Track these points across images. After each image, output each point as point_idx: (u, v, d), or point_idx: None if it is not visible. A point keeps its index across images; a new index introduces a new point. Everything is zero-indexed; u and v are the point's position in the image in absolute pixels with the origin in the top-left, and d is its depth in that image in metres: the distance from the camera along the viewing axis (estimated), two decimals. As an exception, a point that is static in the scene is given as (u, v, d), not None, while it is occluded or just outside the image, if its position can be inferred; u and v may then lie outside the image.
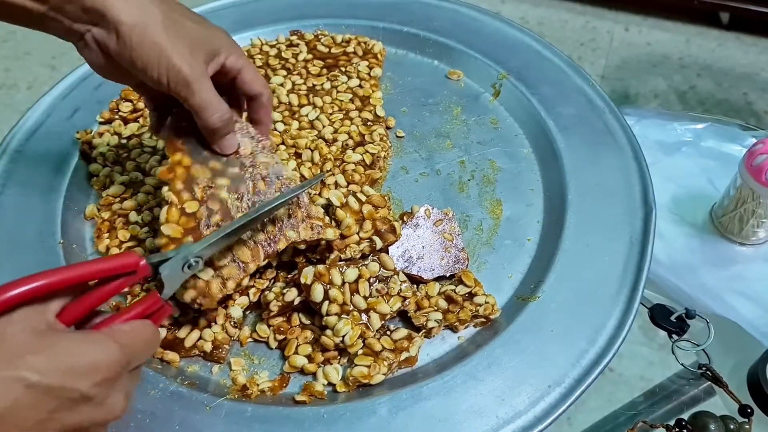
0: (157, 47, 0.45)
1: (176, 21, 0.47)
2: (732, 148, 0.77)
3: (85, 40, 0.47)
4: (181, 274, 0.44)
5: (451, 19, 0.80)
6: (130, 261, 0.38)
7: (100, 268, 0.37)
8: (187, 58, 0.47)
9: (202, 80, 0.48)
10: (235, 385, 0.51)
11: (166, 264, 0.42)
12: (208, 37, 0.49)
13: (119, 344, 0.35)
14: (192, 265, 0.44)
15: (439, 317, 0.54)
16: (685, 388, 0.61)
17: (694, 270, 0.67)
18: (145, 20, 0.45)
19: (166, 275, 0.42)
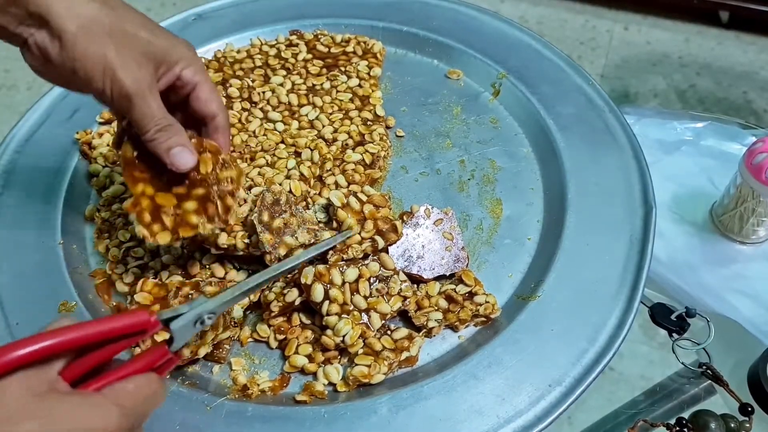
0: (102, 59, 0.44)
1: (126, 31, 0.45)
2: (732, 147, 0.76)
3: (28, 44, 0.45)
4: (193, 329, 0.42)
5: (450, 19, 0.80)
6: (142, 320, 0.37)
7: (110, 329, 0.35)
8: (133, 70, 0.45)
9: (146, 93, 0.46)
10: (236, 385, 0.51)
11: (178, 319, 0.41)
12: (163, 48, 0.47)
13: (120, 407, 0.34)
14: (205, 321, 0.42)
15: (439, 317, 0.54)
16: (686, 387, 0.61)
17: (694, 269, 0.67)
18: (91, 29, 0.43)
19: (177, 329, 0.41)
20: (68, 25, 0.43)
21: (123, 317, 0.36)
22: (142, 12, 0.48)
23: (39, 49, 0.45)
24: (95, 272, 0.59)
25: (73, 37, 0.43)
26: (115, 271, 0.58)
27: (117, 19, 0.45)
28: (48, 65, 0.45)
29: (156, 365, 0.38)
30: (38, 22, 0.44)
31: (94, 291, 0.57)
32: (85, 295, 0.56)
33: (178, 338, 0.41)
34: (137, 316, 0.36)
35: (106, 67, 0.44)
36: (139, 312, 0.37)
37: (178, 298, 0.52)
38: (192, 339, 0.50)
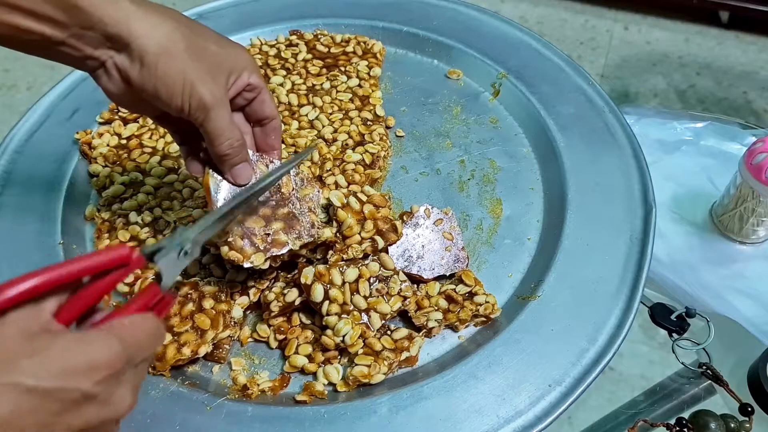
0: (182, 75, 0.45)
1: (198, 45, 0.46)
2: (732, 147, 0.76)
3: (105, 67, 0.46)
4: (178, 262, 0.42)
5: (450, 19, 0.80)
6: (122, 253, 0.37)
7: (91, 263, 0.36)
8: (209, 84, 0.46)
9: (221, 106, 0.47)
10: (236, 385, 0.51)
11: (160, 253, 0.40)
12: (230, 57, 0.48)
13: (118, 338, 0.34)
14: (188, 252, 0.42)
15: (439, 317, 0.54)
16: (686, 387, 0.61)
17: (694, 268, 0.67)
18: (169, 48, 0.44)
19: (163, 265, 0.41)
20: (149, 46, 0.44)
21: (104, 252, 0.36)
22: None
23: (119, 72, 0.45)
24: (95, 272, 0.59)
25: (155, 57, 0.44)
26: (115, 271, 0.58)
27: (190, 34, 0.46)
28: (127, 87, 0.46)
29: (151, 305, 0.39)
30: (118, 45, 0.44)
31: (94, 291, 0.57)
32: (85, 295, 0.56)
33: (166, 274, 0.41)
34: (118, 251, 0.37)
35: (185, 83, 0.45)
36: (120, 247, 0.37)
37: (177, 298, 0.52)
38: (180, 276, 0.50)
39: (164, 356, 0.50)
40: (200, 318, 0.51)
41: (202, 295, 0.53)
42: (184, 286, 0.53)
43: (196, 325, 0.51)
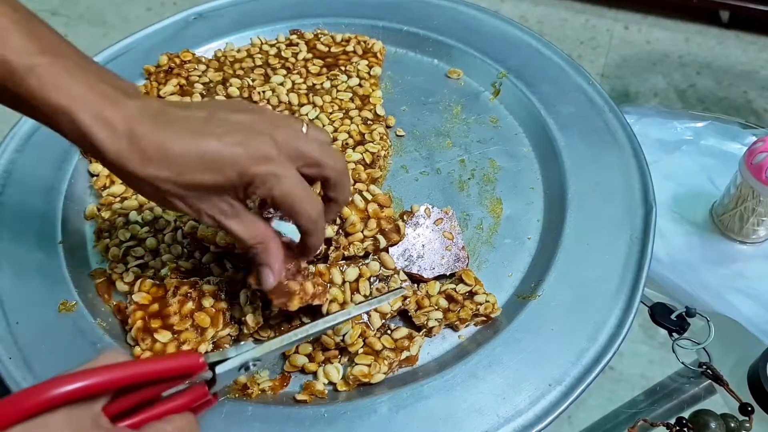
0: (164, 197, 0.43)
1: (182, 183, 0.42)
2: (732, 147, 0.76)
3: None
4: (237, 374, 0.42)
5: (450, 18, 0.80)
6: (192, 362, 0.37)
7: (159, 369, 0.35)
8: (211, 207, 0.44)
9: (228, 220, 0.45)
10: (236, 385, 0.51)
11: (224, 363, 0.40)
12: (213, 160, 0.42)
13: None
14: (250, 367, 0.42)
15: (439, 316, 0.54)
16: (686, 387, 0.61)
17: (694, 268, 0.67)
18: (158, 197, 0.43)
19: (222, 373, 0.40)
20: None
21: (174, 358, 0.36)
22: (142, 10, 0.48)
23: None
24: (95, 272, 0.59)
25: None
26: (115, 270, 0.58)
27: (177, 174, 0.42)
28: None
29: (193, 405, 0.38)
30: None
31: (94, 290, 0.57)
32: (85, 295, 0.56)
33: (220, 381, 0.40)
34: (188, 359, 0.37)
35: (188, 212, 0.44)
36: (190, 354, 0.37)
37: (177, 297, 0.52)
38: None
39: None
40: (200, 316, 0.51)
41: (201, 293, 0.53)
42: (183, 285, 0.53)
43: (196, 324, 0.51)
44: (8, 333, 0.53)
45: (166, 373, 0.36)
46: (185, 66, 0.74)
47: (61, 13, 1.98)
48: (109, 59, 0.76)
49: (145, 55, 0.76)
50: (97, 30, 1.92)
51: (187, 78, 0.73)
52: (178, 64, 0.74)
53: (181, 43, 0.77)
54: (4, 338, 0.52)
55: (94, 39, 1.88)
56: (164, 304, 0.52)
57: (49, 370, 0.50)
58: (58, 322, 0.54)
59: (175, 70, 0.73)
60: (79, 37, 1.89)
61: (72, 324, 0.54)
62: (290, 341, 0.44)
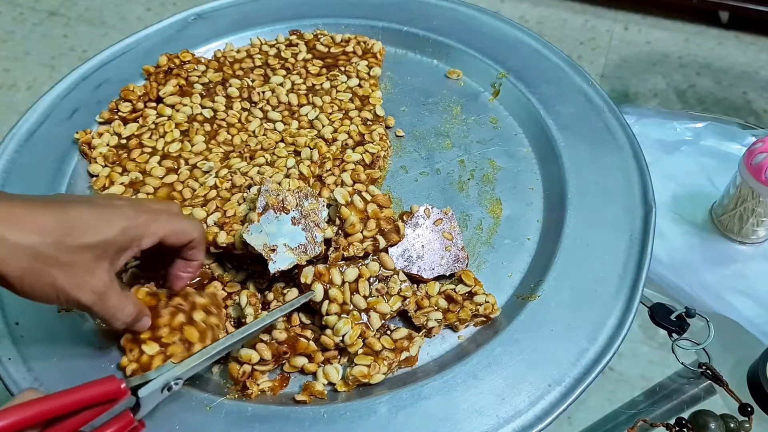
0: (52, 287, 0.42)
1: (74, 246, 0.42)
2: (731, 147, 0.76)
3: None
4: (160, 395, 0.43)
5: (450, 19, 0.80)
6: (112, 388, 0.37)
7: (79, 399, 0.35)
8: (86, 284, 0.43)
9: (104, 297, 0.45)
10: (236, 385, 0.51)
11: (146, 386, 0.41)
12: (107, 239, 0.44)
13: None
14: (172, 387, 0.44)
15: (439, 316, 0.54)
16: (686, 387, 0.61)
17: (694, 269, 0.67)
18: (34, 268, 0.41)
19: (145, 396, 0.41)
20: (11, 270, 0.40)
21: (92, 387, 0.36)
22: (142, 10, 0.47)
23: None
24: (95, 272, 0.59)
25: (19, 280, 0.41)
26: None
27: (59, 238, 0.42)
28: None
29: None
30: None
31: (93, 291, 0.57)
32: (85, 295, 0.56)
33: (145, 405, 0.41)
34: (107, 385, 0.36)
35: (58, 292, 0.43)
36: (109, 380, 0.36)
37: (168, 308, 0.51)
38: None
39: (150, 367, 0.49)
40: (189, 330, 0.51)
41: (193, 306, 0.53)
42: (176, 296, 0.53)
43: (184, 337, 0.50)
44: (8, 333, 0.53)
45: (87, 401, 0.35)
46: (185, 66, 0.74)
47: (60, 13, 1.98)
48: (109, 59, 0.76)
49: (145, 55, 0.76)
50: (96, 30, 1.92)
51: (187, 78, 0.73)
52: (177, 64, 0.74)
53: (180, 44, 0.77)
54: (3, 339, 0.52)
55: (94, 39, 1.88)
56: (156, 314, 0.51)
57: (49, 371, 0.51)
58: (57, 323, 0.54)
59: (174, 70, 0.74)
60: (78, 38, 1.89)
61: (71, 324, 0.54)
62: (208, 355, 0.46)
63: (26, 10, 1.95)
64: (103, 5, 2.00)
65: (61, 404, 0.34)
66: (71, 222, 0.43)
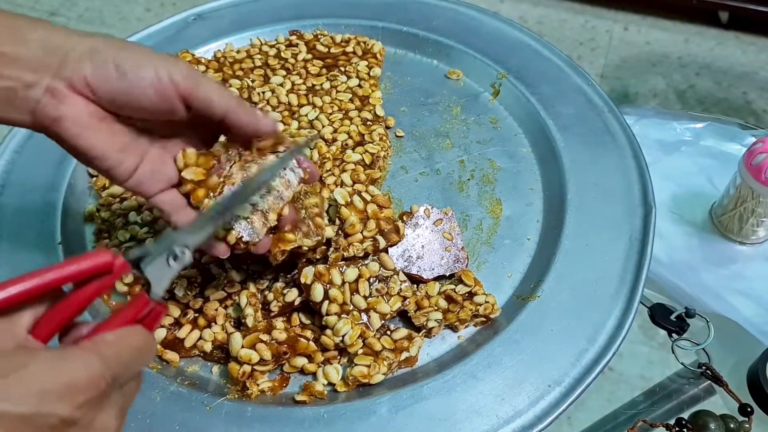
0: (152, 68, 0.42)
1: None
2: (731, 147, 0.77)
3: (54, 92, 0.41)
4: (169, 268, 0.38)
5: (450, 19, 0.80)
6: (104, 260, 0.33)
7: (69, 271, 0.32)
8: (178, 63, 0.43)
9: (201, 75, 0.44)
10: (235, 385, 0.51)
11: (146, 260, 0.37)
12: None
13: (101, 357, 0.30)
14: (178, 256, 0.39)
15: (439, 317, 0.54)
16: (685, 387, 0.61)
17: (693, 269, 0.67)
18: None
19: (151, 271, 0.37)
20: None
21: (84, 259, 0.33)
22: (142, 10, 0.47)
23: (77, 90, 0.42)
24: (95, 272, 0.59)
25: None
26: (115, 271, 0.58)
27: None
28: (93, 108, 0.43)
29: (140, 316, 0.35)
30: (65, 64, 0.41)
31: (93, 291, 0.57)
32: (85, 295, 0.56)
33: (155, 282, 0.37)
34: (99, 257, 0.33)
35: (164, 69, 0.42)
36: (101, 252, 0.33)
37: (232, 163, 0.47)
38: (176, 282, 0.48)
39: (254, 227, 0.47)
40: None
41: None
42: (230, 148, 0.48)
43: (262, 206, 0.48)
44: (7, 333, 0.52)
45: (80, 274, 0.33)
46: (185, 66, 0.74)
47: (60, 13, 1.98)
48: (109, 60, 0.76)
49: (145, 55, 0.76)
50: (96, 30, 1.92)
51: (187, 78, 0.73)
52: (177, 64, 0.74)
53: (180, 44, 0.77)
54: (3, 339, 0.52)
55: (94, 39, 1.88)
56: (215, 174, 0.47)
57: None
58: (57, 323, 0.54)
59: (174, 70, 0.73)
60: (78, 38, 1.88)
61: (71, 324, 0.54)
62: (210, 215, 0.42)
63: (26, 11, 1.95)
64: (103, 6, 2.00)
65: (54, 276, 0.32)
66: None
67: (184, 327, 0.54)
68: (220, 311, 0.54)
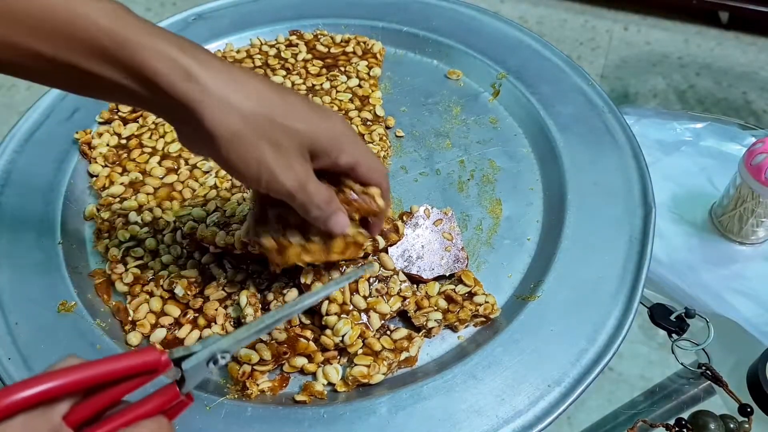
0: (257, 162, 0.42)
1: (283, 127, 0.42)
2: (731, 147, 0.77)
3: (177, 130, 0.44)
4: (206, 369, 0.39)
5: (450, 19, 0.80)
6: (152, 358, 0.34)
7: (118, 368, 0.33)
8: (291, 169, 0.43)
9: (305, 186, 0.44)
10: (235, 385, 0.51)
11: (190, 359, 0.38)
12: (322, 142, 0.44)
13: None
14: (218, 360, 0.39)
15: (439, 317, 0.54)
16: (685, 388, 0.61)
17: (693, 269, 0.67)
18: (245, 135, 0.41)
19: (189, 370, 0.38)
20: (221, 131, 0.40)
21: (133, 356, 0.34)
22: (142, 10, 0.47)
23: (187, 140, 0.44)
24: (95, 272, 0.59)
25: (227, 144, 0.41)
26: (115, 270, 0.58)
27: (273, 113, 0.42)
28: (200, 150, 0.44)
29: (166, 408, 0.36)
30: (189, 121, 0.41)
31: (93, 291, 0.57)
32: (85, 295, 0.56)
33: (190, 379, 0.38)
34: (148, 355, 0.34)
35: (261, 168, 0.42)
36: (150, 350, 0.35)
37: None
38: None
39: (285, 254, 0.48)
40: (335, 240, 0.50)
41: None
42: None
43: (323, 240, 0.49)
44: (7, 333, 0.53)
45: (126, 371, 0.34)
46: (185, 66, 0.74)
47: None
48: (109, 60, 0.76)
49: (145, 55, 0.76)
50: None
51: (187, 78, 0.73)
52: (177, 64, 0.74)
53: (180, 44, 0.77)
54: (3, 339, 0.52)
55: (94, 39, 1.88)
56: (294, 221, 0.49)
57: (49, 371, 0.50)
58: (57, 323, 0.54)
59: (174, 70, 0.73)
60: (78, 38, 1.88)
61: (71, 324, 0.54)
62: (257, 329, 0.42)
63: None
64: (103, 5, 2.00)
65: (103, 372, 0.33)
66: (288, 104, 0.43)
67: (184, 327, 0.54)
68: (220, 311, 0.54)
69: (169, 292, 0.55)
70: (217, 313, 0.54)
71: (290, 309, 0.44)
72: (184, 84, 0.40)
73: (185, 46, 0.41)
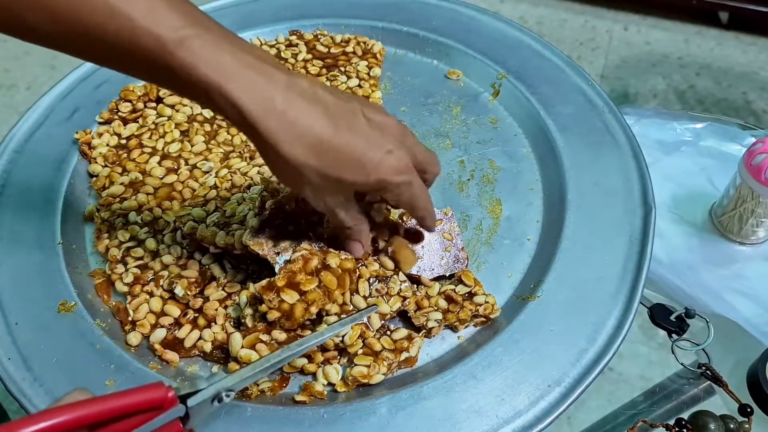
0: (301, 189, 0.45)
1: (327, 177, 0.44)
2: (731, 147, 0.77)
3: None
4: (210, 406, 0.40)
5: (450, 19, 0.80)
6: (158, 395, 0.35)
7: (124, 405, 0.34)
8: (326, 202, 0.46)
9: (344, 208, 0.48)
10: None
11: (195, 396, 0.39)
12: (365, 186, 0.45)
13: None
14: (223, 398, 0.41)
15: (439, 317, 0.54)
16: (685, 388, 0.61)
17: (693, 269, 0.67)
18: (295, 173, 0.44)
19: (194, 407, 0.39)
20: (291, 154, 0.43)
21: (139, 392, 0.35)
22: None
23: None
24: (95, 272, 0.59)
25: (274, 166, 0.45)
26: (115, 271, 0.58)
27: (328, 165, 0.43)
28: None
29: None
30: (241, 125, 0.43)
31: (93, 291, 0.57)
32: (85, 295, 0.56)
33: (195, 416, 0.39)
34: (154, 392, 0.35)
35: (305, 193, 0.46)
36: (157, 387, 0.35)
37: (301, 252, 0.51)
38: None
39: (293, 315, 0.49)
40: (326, 276, 0.51)
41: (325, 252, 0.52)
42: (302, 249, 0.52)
43: (323, 284, 0.50)
44: (7, 334, 0.53)
45: (132, 407, 0.34)
46: (185, 66, 0.74)
47: (60, 13, 1.98)
48: (109, 60, 0.76)
49: (145, 55, 0.76)
50: (96, 30, 1.92)
51: (187, 78, 0.73)
52: (177, 64, 0.74)
53: (180, 44, 0.77)
54: (3, 339, 0.52)
55: (94, 39, 1.88)
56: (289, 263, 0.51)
57: (49, 371, 0.50)
58: (57, 323, 0.54)
59: (174, 70, 0.73)
60: (78, 38, 1.88)
61: (71, 324, 0.54)
62: (262, 368, 0.44)
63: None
64: (103, 5, 2.00)
65: (109, 408, 0.33)
66: (340, 153, 0.43)
67: (184, 327, 0.54)
68: (220, 311, 0.54)
69: (169, 292, 0.55)
70: (217, 313, 0.54)
71: (297, 349, 0.46)
72: (264, 115, 0.41)
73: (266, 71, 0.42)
